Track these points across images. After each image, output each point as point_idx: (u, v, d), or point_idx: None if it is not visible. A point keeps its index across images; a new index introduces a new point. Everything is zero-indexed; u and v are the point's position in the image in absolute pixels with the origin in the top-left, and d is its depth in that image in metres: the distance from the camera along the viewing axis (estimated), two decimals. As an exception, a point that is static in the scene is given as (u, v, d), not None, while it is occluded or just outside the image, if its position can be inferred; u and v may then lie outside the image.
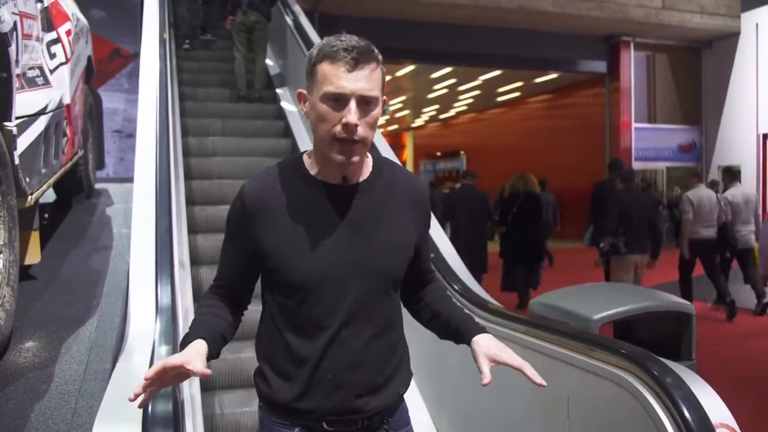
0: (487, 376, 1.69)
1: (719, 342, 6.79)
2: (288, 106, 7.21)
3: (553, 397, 2.66)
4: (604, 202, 7.41)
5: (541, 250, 8.98)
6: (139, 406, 1.48)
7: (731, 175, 9.10)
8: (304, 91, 1.62)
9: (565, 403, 2.58)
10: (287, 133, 6.78)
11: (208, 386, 3.75)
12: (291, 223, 1.58)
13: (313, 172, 1.63)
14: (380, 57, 1.62)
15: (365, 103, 1.54)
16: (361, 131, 1.53)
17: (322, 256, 1.54)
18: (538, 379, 1.67)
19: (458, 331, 1.78)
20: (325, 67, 1.54)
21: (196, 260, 4.58)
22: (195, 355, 1.46)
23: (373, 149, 4.55)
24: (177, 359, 1.44)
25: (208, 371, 1.44)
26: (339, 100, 1.52)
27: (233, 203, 1.67)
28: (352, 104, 1.52)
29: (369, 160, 1.69)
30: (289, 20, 7.72)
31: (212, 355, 1.55)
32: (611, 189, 7.82)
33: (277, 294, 1.63)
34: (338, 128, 1.52)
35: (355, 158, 1.56)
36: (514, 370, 1.71)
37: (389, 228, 1.65)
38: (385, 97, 1.65)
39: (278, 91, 7.73)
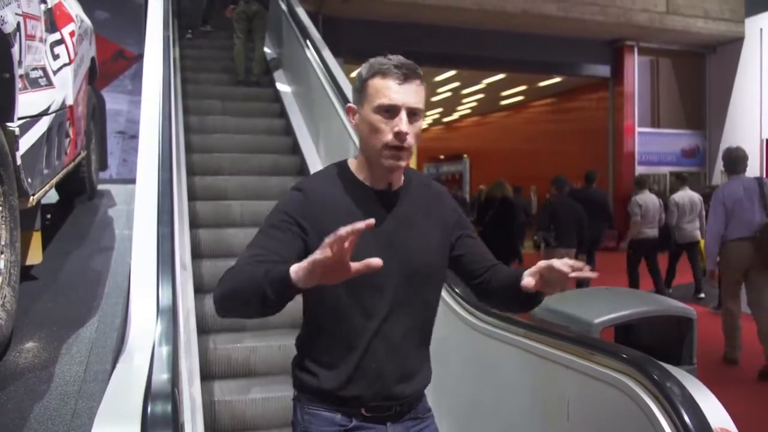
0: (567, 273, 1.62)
1: (720, 347, 6.78)
2: (283, 89, 7.64)
3: (554, 401, 2.66)
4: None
5: (516, 249, 9.95)
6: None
7: (681, 180, 10.14)
8: (354, 106, 1.78)
9: (565, 406, 2.57)
10: (283, 114, 7.21)
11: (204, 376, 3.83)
12: (347, 220, 1.49)
13: (361, 177, 1.79)
14: (421, 74, 1.77)
15: (412, 114, 1.71)
16: (410, 139, 1.70)
17: (374, 254, 1.50)
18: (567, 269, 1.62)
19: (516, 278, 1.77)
20: (377, 82, 1.71)
21: (194, 224, 5.01)
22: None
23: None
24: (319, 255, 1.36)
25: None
26: (390, 111, 1.69)
27: (291, 196, 1.76)
28: (403, 114, 1.69)
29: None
30: (283, 6, 8.11)
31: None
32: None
33: (331, 287, 1.53)
34: (390, 136, 1.69)
35: (403, 163, 1.73)
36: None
37: (421, 229, 1.81)
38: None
39: (275, 76, 8.10)
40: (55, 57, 3.97)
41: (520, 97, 21.74)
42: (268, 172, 6.17)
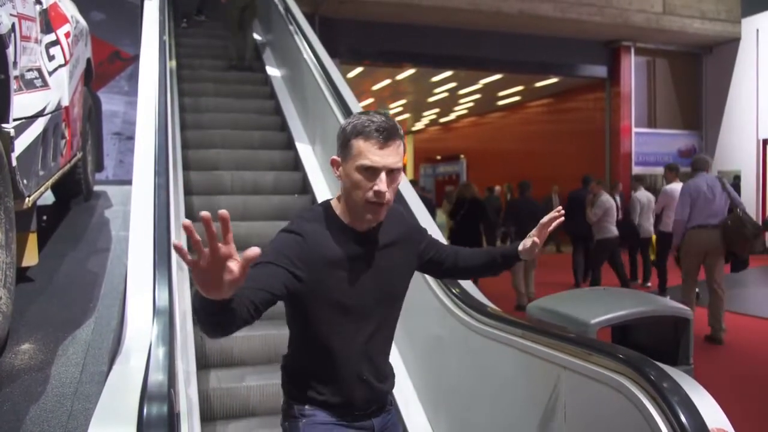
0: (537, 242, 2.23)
1: (717, 347, 6.79)
2: (273, 72, 8.22)
3: (550, 401, 2.66)
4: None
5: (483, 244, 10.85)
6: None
7: (639, 181, 11.15)
8: (338, 159, 1.94)
9: (562, 407, 2.57)
10: (272, 95, 7.74)
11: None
12: (338, 265, 1.93)
13: (345, 221, 1.98)
14: (402, 133, 1.93)
15: (391, 173, 1.88)
16: (388, 196, 1.89)
17: (360, 286, 1.96)
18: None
19: (505, 256, 2.29)
20: (360, 143, 1.86)
21: (189, 192, 5.43)
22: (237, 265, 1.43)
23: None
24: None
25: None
26: (371, 171, 1.86)
27: (288, 236, 1.92)
28: (383, 175, 1.86)
29: None
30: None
31: (229, 299, 1.53)
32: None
33: (326, 314, 1.93)
34: (370, 194, 1.87)
35: (381, 216, 1.95)
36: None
37: (395, 258, 2.06)
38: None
39: (266, 60, 8.65)
40: (51, 58, 3.96)
41: (516, 98, 21.74)
42: (258, 147, 6.71)
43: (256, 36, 8.91)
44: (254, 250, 1.38)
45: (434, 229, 3.83)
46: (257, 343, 4.20)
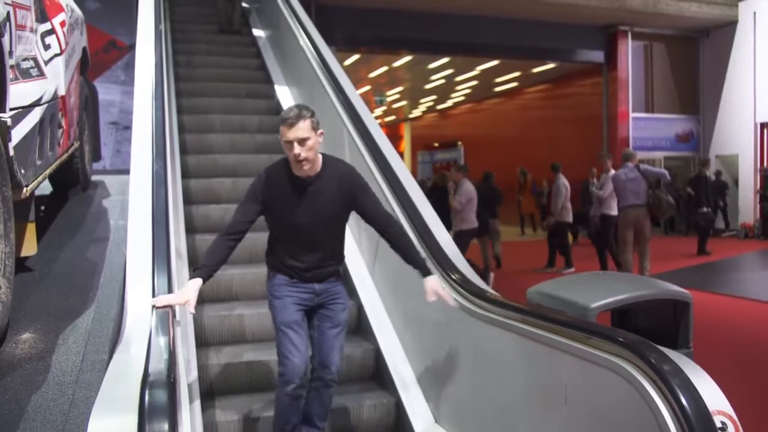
0: (430, 298, 3.12)
1: (717, 329, 6.82)
2: (259, 33, 9.04)
3: (551, 386, 2.67)
4: None
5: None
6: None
7: (555, 169, 11.62)
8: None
9: (563, 391, 2.58)
10: (259, 55, 8.48)
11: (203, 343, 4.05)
12: (283, 199, 3.11)
13: (292, 170, 3.09)
14: (307, 113, 3.01)
15: (302, 140, 2.97)
16: (303, 155, 2.99)
17: (297, 213, 3.11)
18: (451, 302, 3.22)
19: (416, 266, 3.20)
20: (281, 128, 3.01)
21: (183, 150, 5.79)
22: (193, 293, 2.80)
23: (371, 141, 4.56)
24: (182, 297, 2.73)
25: (193, 311, 2.82)
26: (288, 143, 2.99)
27: (254, 182, 3.16)
28: (295, 144, 2.98)
29: (320, 160, 3.13)
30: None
31: (206, 281, 2.92)
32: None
33: (276, 230, 3.23)
34: (292, 155, 3.01)
35: (306, 167, 3.04)
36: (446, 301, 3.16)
37: (325, 195, 3.11)
38: (321, 131, 3.07)
39: (252, 24, 9.43)
40: (46, 47, 3.94)
41: (514, 84, 21.67)
42: (245, 96, 7.39)
43: (244, 5, 9.67)
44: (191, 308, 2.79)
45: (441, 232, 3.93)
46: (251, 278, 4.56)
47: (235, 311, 4.22)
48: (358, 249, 4.82)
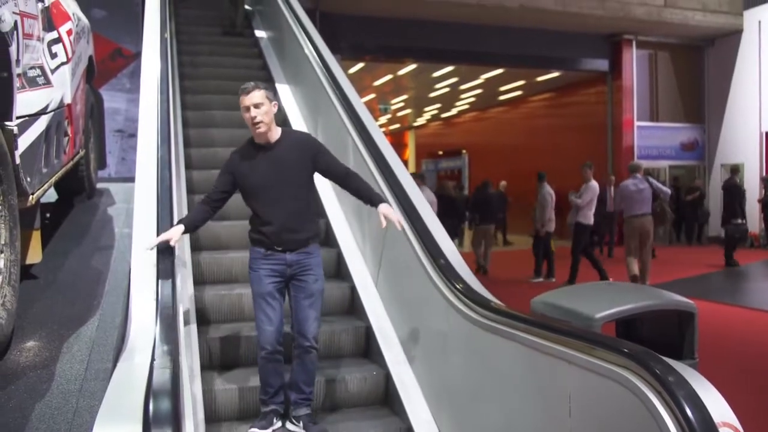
0: (382, 224, 3.49)
1: (722, 339, 6.78)
2: (261, 34, 9.46)
3: (555, 396, 2.65)
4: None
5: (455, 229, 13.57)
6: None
7: (541, 178, 11.67)
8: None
9: (567, 401, 2.57)
10: (261, 55, 8.81)
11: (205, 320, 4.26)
12: (249, 166, 3.49)
13: (255, 140, 3.52)
14: (262, 85, 3.49)
15: (257, 106, 3.39)
16: (259, 118, 3.39)
17: (262, 177, 3.47)
18: (398, 227, 3.59)
19: (371, 201, 3.58)
20: (240, 98, 3.44)
21: (187, 143, 6.12)
22: (177, 233, 3.20)
23: (374, 149, 4.57)
24: (167, 236, 3.12)
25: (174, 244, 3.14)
26: (245, 108, 3.42)
27: (229, 158, 3.59)
28: (252, 108, 3.40)
29: (279, 131, 3.55)
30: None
31: (188, 231, 3.42)
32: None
33: (248, 198, 3.57)
34: (249, 118, 3.42)
35: (262, 130, 3.43)
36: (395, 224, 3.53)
37: (286, 160, 3.49)
38: (275, 102, 3.51)
39: (255, 26, 9.82)
40: (53, 55, 3.96)
41: (518, 92, 21.65)
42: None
43: (247, 7, 10.07)
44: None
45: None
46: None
47: (235, 291, 4.43)
48: (363, 260, 4.82)
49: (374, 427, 3.69)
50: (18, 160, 2.90)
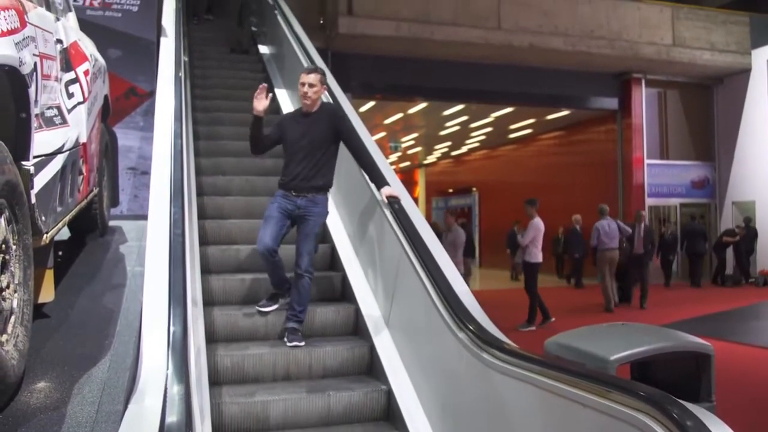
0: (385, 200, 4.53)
1: (739, 381, 6.67)
2: (264, 51, 10.58)
3: (570, 440, 2.61)
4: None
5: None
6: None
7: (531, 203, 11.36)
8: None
9: (583, 446, 2.53)
10: (264, 69, 9.88)
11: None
12: (290, 125, 4.69)
13: (303, 110, 4.68)
14: (321, 71, 4.73)
15: (311, 84, 4.56)
16: (309, 94, 4.57)
17: (295, 135, 4.61)
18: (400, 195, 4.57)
19: (376, 182, 4.60)
20: (301, 74, 4.67)
21: (197, 137, 6.92)
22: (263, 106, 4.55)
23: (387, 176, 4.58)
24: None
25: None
26: (301, 84, 4.59)
27: (282, 117, 5.13)
28: (307, 86, 4.57)
29: (319, 102, 4.66)
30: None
31: (259, 123, 4.66)
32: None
33: (285, 148, 4.69)
34: (302, 92, 4.60)
35: (308, 102, 4.60)
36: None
37: (319, 125, 4.58)
38: (325, 86, 4.81)
39: (260, 45, 10.90)
40: (70, 96, 4.01)
41: (528, 130, 21.75)
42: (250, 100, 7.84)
43: (253, 28, 11.12)
44: (262, 85, 4.59)
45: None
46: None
47: (233, 247, 5.34)
48: (374, 298, 4.80)
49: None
50: (34, 200, 2.92)
